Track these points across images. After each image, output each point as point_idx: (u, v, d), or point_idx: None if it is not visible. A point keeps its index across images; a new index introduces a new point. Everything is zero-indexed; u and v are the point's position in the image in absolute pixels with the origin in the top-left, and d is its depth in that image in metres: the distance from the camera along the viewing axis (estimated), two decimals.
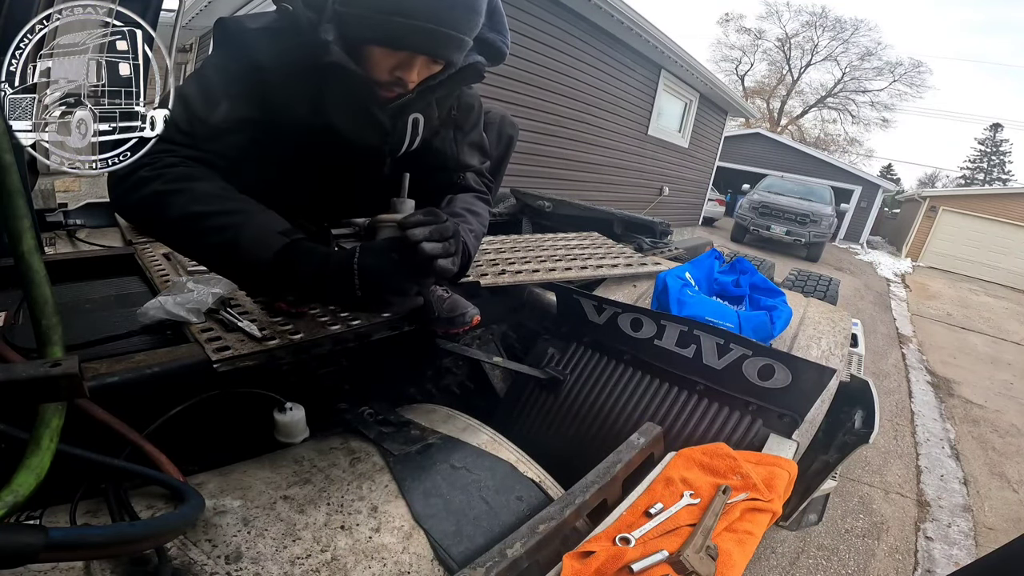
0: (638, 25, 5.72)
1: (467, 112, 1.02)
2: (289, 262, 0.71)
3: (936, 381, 4.26)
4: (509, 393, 1.20)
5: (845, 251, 13.04)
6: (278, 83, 0.78)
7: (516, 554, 0.57)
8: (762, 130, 17.46)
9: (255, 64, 0.76)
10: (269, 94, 0.78)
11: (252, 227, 0.71)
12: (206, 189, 0.72)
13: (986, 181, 26.92)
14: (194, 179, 0.72)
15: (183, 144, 0.73)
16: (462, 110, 1.00)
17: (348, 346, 0.98)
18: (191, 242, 0.75)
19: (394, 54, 0.76)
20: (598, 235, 2.00)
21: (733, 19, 25.92)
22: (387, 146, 0.91)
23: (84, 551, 0.43)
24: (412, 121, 0.90)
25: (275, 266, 0.70)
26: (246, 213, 0.72)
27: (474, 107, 1.03)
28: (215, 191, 0.73)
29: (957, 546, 2.16)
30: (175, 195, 0.70)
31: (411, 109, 0.88)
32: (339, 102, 0.82)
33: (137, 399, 0.72)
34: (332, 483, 0.68)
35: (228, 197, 0.73)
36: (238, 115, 0.77)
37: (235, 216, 0.71)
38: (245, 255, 0.71)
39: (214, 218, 0.70)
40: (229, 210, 0.72)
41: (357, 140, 0.87)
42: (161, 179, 0.70)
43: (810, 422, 0.93)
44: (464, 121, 1.02)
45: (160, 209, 0.71)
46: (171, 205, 0.70)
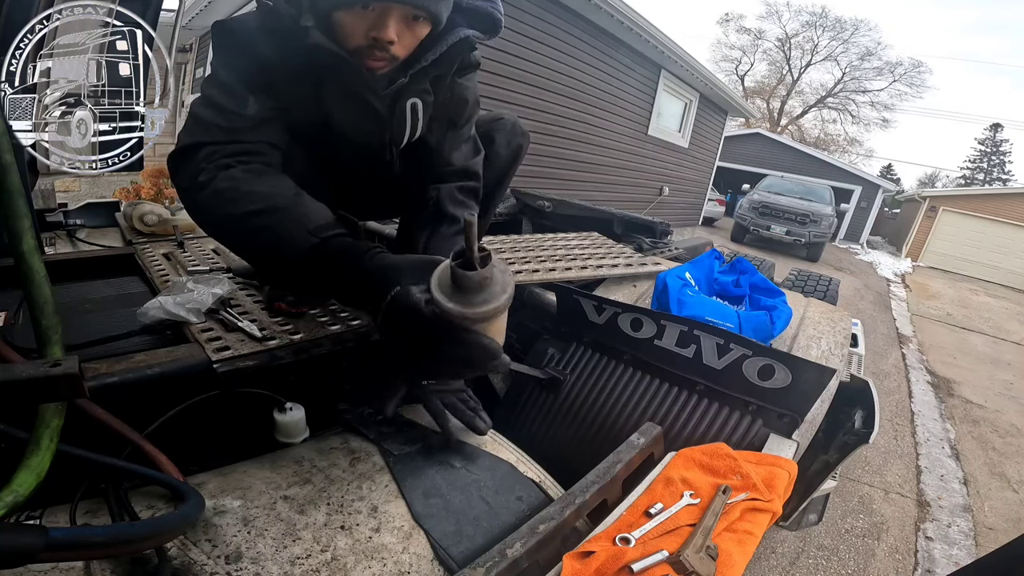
0: (638, 25, 5.72)
1: (460, 106, 0.96)
2: (322, 261, 0.68)
3: (936, 381, 4.26)
4: (509, 393, 1.20)
5: (845, 251, 13.03)
6: (283, 82, 0.78)
7: (516, 554, 0.57)
8: (762, 130, 17.46)
9: (261, 63, 0.76)
10: (278, 91, 0.78)
11: (285, 224, 0.69)
12: (252, 188, 0.71)
13: (986, 181, 26.91)
14: (240, 179, 0.71)
15: (229, 141, 0.73)
16: (454, 103, 0.95)
17: (348, 346, 0.98)
18: (245, 246, 0.76)
19: (363, 14, 0.73)
20: (598, 235, 2.00)
21: (733, 19, 25.95)
22: (387, 135, 0.88)
23: (84, 551, 0.43)
24: (411, 107, 0.87)
25: (308, 266, 0.69)
26: (282, 211, 0.70)
27: (468, 101, 0.98)
28: (261, 189, 0.71)
29: (957, 546, 2.16)
30: (225, 198, 0.70)
31: (407, 94, 0.85)
32: (334, 94, 0.81)
33: (137, 399, 0.72)
34: (332, 483, 0.68)
35: (270, 194, 0.71)
36: (267, 104, 0.77)
37: (272, 215, 0.69)
38: (281, 255, 0.70)
39: (255, 218, 0.69)
40: (267, 208, 0.70)
41: (356, 132, 0.85)
42: (212, 184, 0.70)
43: (810, 422, 0.93)
44: (457, 115, 0.97)
45: (213, 215, 0.72)
46: (225, 209, 0.70)
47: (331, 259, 0.68)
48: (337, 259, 0.68)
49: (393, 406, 0.78)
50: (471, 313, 0.54)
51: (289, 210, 0.70)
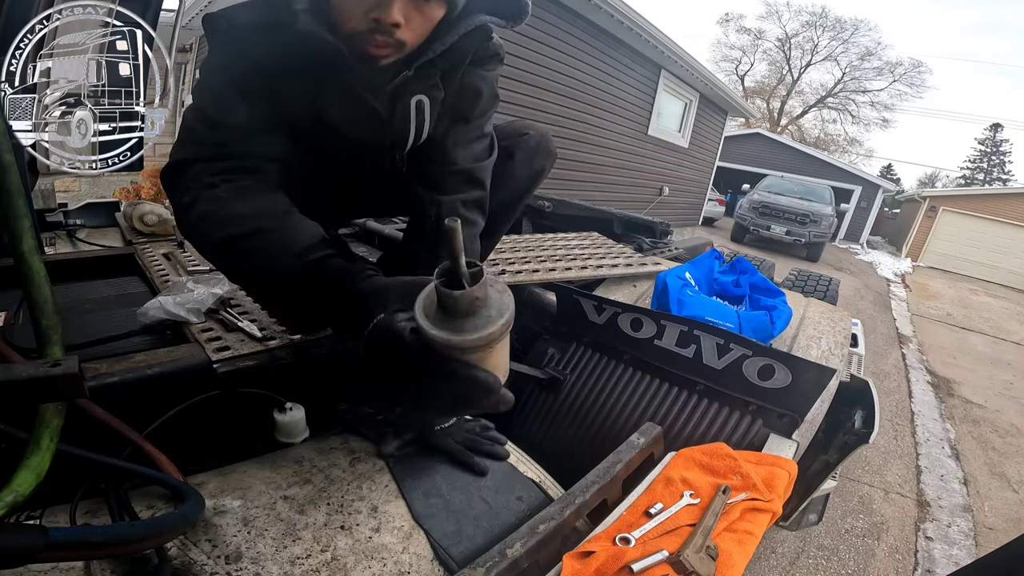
0: (638, 25, 5.73)
1: (472, 97, 0.83)
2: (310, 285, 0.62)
3: (936, 381, 4.26)
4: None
5: (845, 251, 13.03)
6: (279, 81, 0.71)
7: (516, 554, 0.57)
8: (762, 130, 17.45)
9: (253, 63, 0.69)
10: (274, 92, 0.71)
11: (270, 247, 0.63)
12: (235, 210, 0.64)
13: (986, 181, 26.90)
14: (225, 199, 0.64)
15: (217, 157, 0.67)
16: (466, 94, 0.82)
17: (348, 346, 0.98)
18: (232, 272, 0.70)
19: None
20: (598, 235, 2.00)
21: (733, 19, 25.93)
22: (388, 137, 0.78)
23: (84, 551, 0.43)
24: (415, 105, 0.75)
25: (295, 291, 0.63)
26: (266, 233, 0.63)
27: (482, 93, 0.84)
28: (244, 210, 0.64)
29: (957, 546, 2.16)
30: (209, 222, 0.64)
31: (411, 90, 0.74)
32: (328, 90, 0.73)
33: (137, 399, 0.72)
34: (332, 483, 0.68)
35: (255, 215, 0.64)
36: (262, 110, 0.70)
37: (255, 239, 0.63)
38: (268, 279, 0.64)
39: (239, 243, 0.63)
40: (251, 231, 0.63)
41: (353, 133, 0.77)
42: (196, 206, 0.64)
43: (810, 422, 0.93)
44: (468, 108, 0.83)
45: (199, 238, 0.66)
46: (208, 233, 0.64)
47: (318, 283, 0.62)
48: (325, 283, 0.62)
49: (394, 447, 0.76)
50: (459, 341, 0.46)
51: (274, 232, 0.64)
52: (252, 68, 0.69)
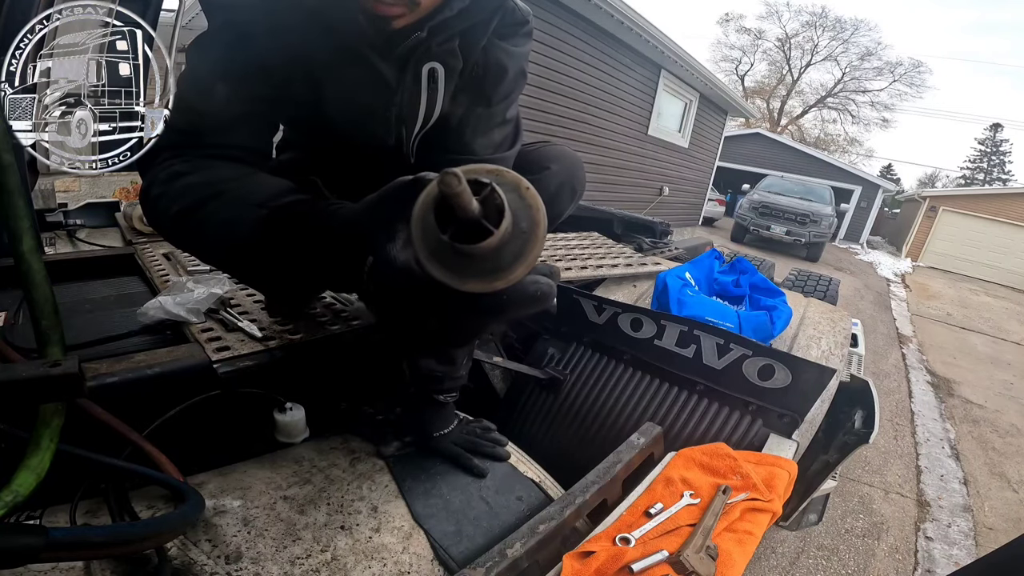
0: (638, 25, 5.73)
1: (497, 75, 0.70)
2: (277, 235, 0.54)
3: (936, 381, 4.26)
4: (509, 393, 1.20)
5: (845, 251, 13.03)
6: (274, 51, 0.61)
7: (516, 554, 0.57)
8: (762, 130, 17.46)
9: (244, 31, 0.60)
10: (269, 67, 0.62)
11: (226, 207, 0.56)
12: (187, 182, 0.58)
13: (986, 181, 26.92)
14: (184, 173, 0.59)
15: (190, 145, 0.61)
16: (490, 70, 0.69)
17: (348, 346, 0.98)
18: (196, 247, 0.64)
19: None
20: (598, 235, 2.00)
21: (733, 19, 25.93)
22: (393, 111, 0.67)
23: (84, 551, 0.43)
24: (427, 73, 0.64)
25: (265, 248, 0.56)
26: (222, 195, 0.56)
27: (508, 71, 0.71)
28: (197, 180, 0.58)
29: (957, 546, 2.16)
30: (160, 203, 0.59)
31: (424, 56, 0.63)
32: (326, 55, 0.63)
33: (137, 399, 0.72)
34: (332, 483, 0.68)
35: (209, 182, 0.58)
36: (251, 90, 0.62)
37: (210, 204, 0.56)
38: (233, 242, 0.57)
39: (197, 212, 0.56)
40: (204, 196, 0.56)
41: (356, 106, 0.66)
42: (154, 187, 0.60)
43: (810, 422, 0.93)
44: (492, 87, 0.70)
45: (159, 224, 0.61)
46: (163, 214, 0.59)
47: (287, 230, 0.54)
48: (294, 228, 0.54)
49: (394, 447, 0.76)
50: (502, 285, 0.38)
51: (230, 192, 0.57)
52: (242, 36, 0.61)
